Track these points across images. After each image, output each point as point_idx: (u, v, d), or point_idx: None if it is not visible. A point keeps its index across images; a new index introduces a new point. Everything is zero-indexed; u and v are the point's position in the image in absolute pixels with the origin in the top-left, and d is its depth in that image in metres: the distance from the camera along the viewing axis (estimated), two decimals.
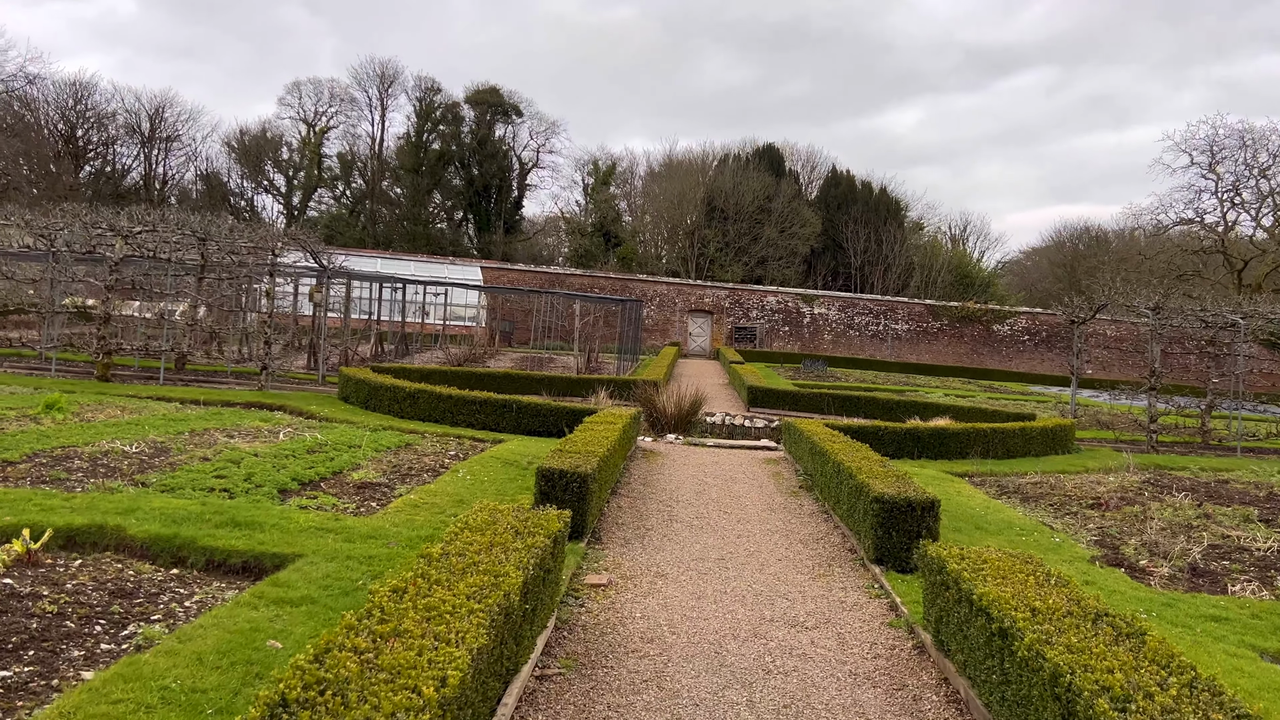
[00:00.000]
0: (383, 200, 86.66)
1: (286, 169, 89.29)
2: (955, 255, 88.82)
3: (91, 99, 76.64)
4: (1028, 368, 61.36)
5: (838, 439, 12.84)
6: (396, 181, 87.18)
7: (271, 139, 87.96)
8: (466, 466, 11.93)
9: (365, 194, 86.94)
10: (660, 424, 19.09)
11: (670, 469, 14.31)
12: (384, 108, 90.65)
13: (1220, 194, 71.28)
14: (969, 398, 34.89)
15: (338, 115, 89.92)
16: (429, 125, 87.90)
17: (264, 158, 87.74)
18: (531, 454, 13.75)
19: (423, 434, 15.85)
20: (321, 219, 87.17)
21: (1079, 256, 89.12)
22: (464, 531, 6.02)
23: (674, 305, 58.54)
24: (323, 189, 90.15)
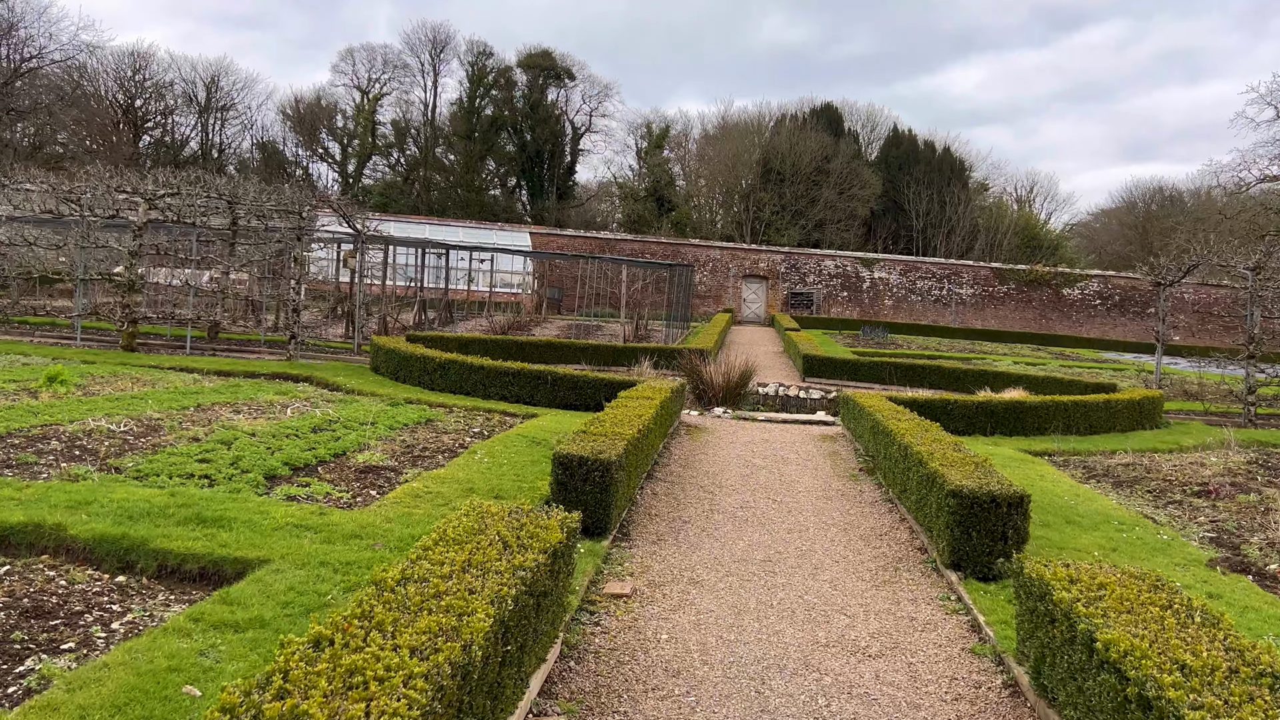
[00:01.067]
0: (436, 167, 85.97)
1: (341, 137, 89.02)
2: (1022, 217, 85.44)
3: (149, 69, 76.91)
4: (1099, 334, 58.59)
5: (903, 416, 11.41)
6: (449, 148, 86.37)
7: (326, 107, 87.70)
8: (487, 446, 10.77)
9: (419, 161, 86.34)
10: (707, 397, 17.78)
11: (715, 448, 13.02)
12: (436, 73, 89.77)
13: None
14: (1040, 366, 32.93)
15: (391, 82, 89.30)
16: (481, 90, 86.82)
17: (319, 126, 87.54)
18: (563, 430, 12.55)
19: (450, 408, 14.76)
20: (376, 187, 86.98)
21: (1151, 217, 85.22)
22: (437, 545, 4.81)
23: (727, 270, 56.91)
24: (377, 156, 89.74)
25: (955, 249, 75.62)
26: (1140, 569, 5.24)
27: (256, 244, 21.18)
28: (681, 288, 41.05)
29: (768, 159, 74.08)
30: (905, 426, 10.36)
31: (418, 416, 12.60)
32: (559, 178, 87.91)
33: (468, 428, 12.52)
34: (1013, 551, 7.24)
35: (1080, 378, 23.09)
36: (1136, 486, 11.10)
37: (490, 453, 10.35)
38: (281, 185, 20.57)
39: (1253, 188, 70.50)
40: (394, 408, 13.42)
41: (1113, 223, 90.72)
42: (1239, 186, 71.30)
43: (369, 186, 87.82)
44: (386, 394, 15.58)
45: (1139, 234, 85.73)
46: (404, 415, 12.57)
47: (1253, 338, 18.35)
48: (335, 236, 23.91)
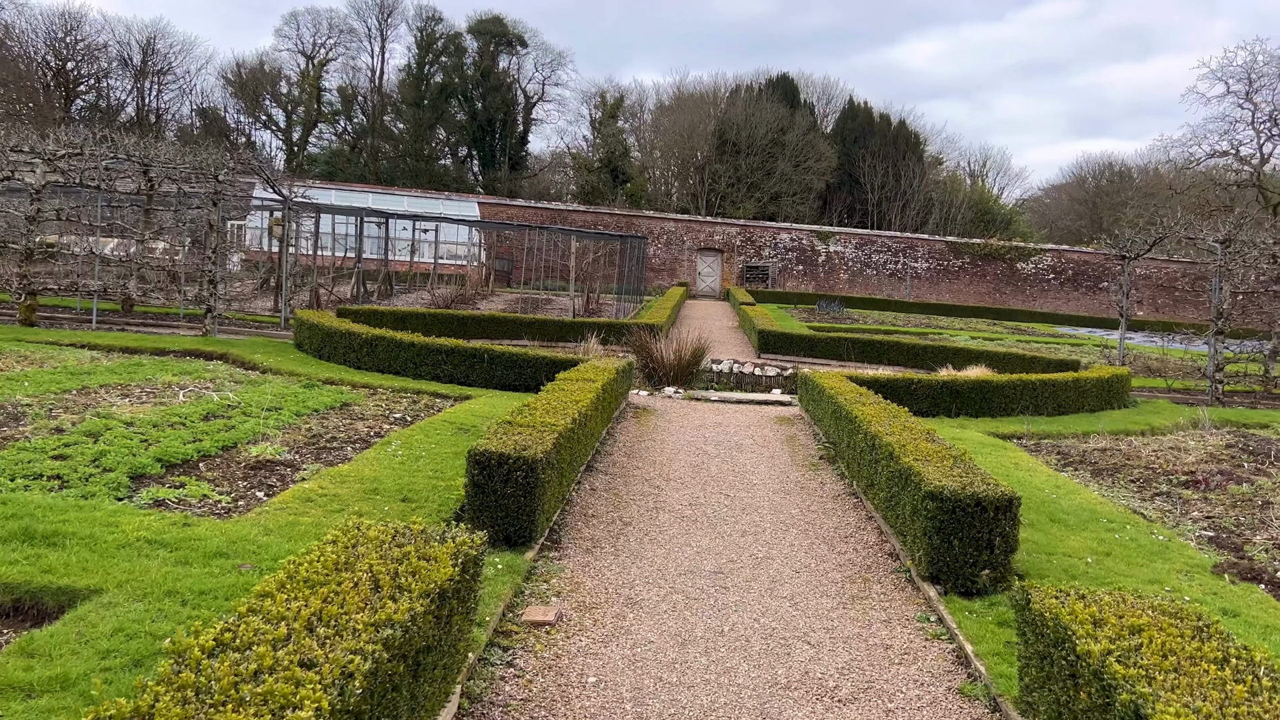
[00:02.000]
0: (384, 136, 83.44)
1: (285, 104, 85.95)
2: (975, 191, 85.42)
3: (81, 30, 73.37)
4: (1053, 308, 58.55)
5: (867, 400, 10.42)
6: (398, 116, 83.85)
7: (269, 72, 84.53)
8: (406, 436, 9.58)
9: (366, 130, 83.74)
10: (658, 375, 16.71)
11: (664, 432, 11.94)
12: (384, 39, 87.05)
13: (1257, 124, 67.53)
14: (998, 341, 32.37)
15: (337, 47, 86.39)
16: (430, 57, 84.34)
17: (262, 92, 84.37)
18: (498, 415, 11.39)
19: (374, 389, 13.50)
20: (321, 156, 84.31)
21: (1101, 193, 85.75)
22: (281, 590, 3.65)
23: (682, 243, 55.79)
24: (323, 124, 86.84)
25: (910, 223, 75.29)
26: (1174, 602, 4.25)
27: (175, 210, 19.59)
28: (634, 260, 39.87)
29: (723, 130, 72.88)
30: (871, 412, 9.36)
31: (333, 400, 11.34)
32: (511, 148, 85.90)
33: (389, 412, 11.29)
34: (1000, 560, 6.26)
35: (1041, 354, 22.40)
36: (1118, 475, 10.24)
37: (408, 443, 9.16)
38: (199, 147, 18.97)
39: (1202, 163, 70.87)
40: (308, 390, 12.14)
41: (1063, 198, 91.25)
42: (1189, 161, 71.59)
43: (314, 155, 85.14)
44: (306, 374, 14.26)
45: (1089, 209, 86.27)
46: (317, 398, 11.30)
47: (1220, 313, 17.69)
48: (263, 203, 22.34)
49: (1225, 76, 66.68)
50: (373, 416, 10.86)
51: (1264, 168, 67.33)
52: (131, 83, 79.89)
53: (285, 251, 20.83)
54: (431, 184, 73.90)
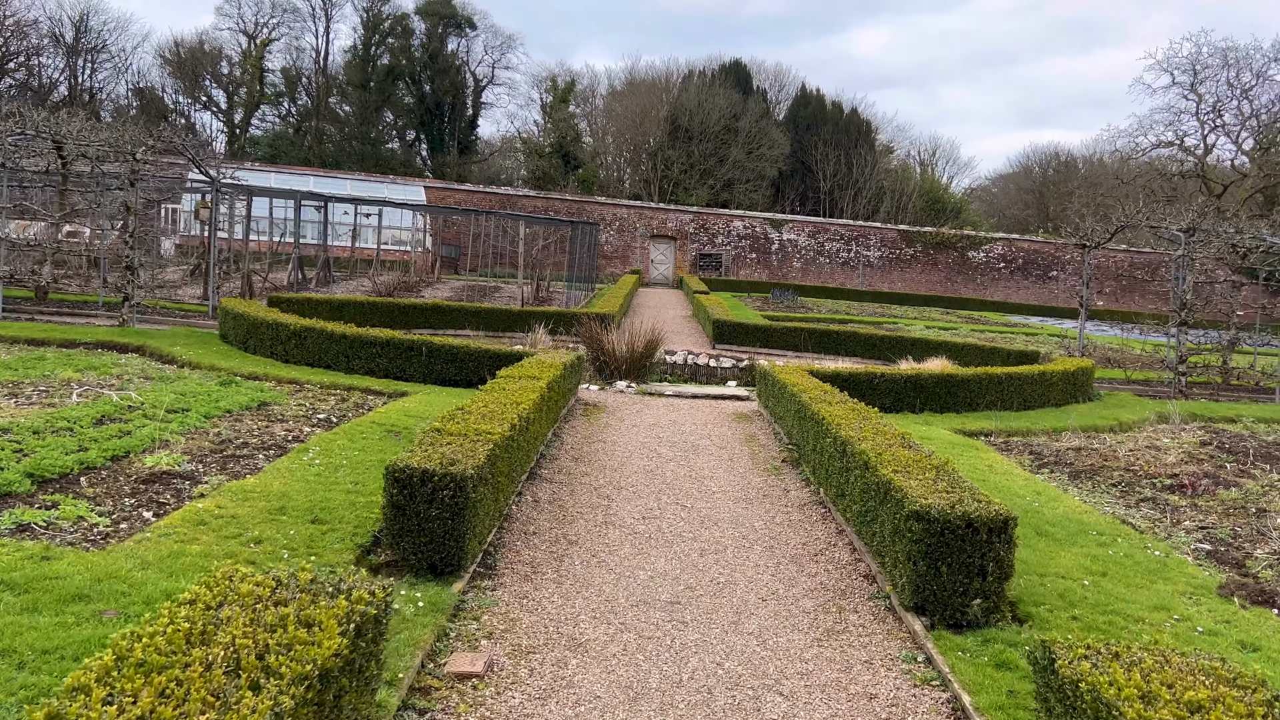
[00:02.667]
0: (330, 118, 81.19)
1: (227, 85, 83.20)
2: (926, 180, 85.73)
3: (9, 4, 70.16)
4: (1003, 296, 58.77)
5: (833, 398, 9.68)
6: (344, 99, 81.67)
7: (210, 52, 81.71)
8: (327, 441, 8.62)
9: (311, 112, 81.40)
10: (609, 369, 15.85)
11: (616, 432, 11.11)
12: (328, 19, 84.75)
13: (1201, 115, 68.46)
14: (953, 331, 32.04)
15: (280, 27, 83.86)
16: (377, 38, 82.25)
17: (202, 72, 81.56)
18: (434, 415, 10.47)
19: (301, 385, 12.47)
20: (265, 138, 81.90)
21: (1047, 182, 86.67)
22: (101, 682, 2.74)
23: (635, 230, 54.91)
24: (266, 106, 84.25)
25: (862, 211, 75.19)
26: (1226, 665, 3.51)
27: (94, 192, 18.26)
28: (586, 247, 38.92)
29: (676, 116, 72.01)
30: (838, 413, 8.61)
31: (250, 398, 10.30)
32: (460, 131, 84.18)
33: (312, 412, 10.30)
34: (994, 589, 5.53)
35: (999, 345, 21.96)
36: (1097, 479, 9.63)
37: (328, 450, 8.21)
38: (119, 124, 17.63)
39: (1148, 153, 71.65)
40: (224, 387, 11.07)
41: (1010, 187, 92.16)
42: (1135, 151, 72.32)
43: (257, 137, 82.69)
44: (228, 368, 13.16)
45: (1036, 198, 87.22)
46: (233, 397, 10.25)
47: (1184, 304, 17.31)
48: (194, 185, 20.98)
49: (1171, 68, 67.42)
50: (294, 417, 9.85)
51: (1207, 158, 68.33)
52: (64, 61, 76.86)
53: (214, 236, 19.56)
54: (378, 168, 72.10)
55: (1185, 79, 68.50)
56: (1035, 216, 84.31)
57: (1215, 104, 68.15)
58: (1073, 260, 61.35)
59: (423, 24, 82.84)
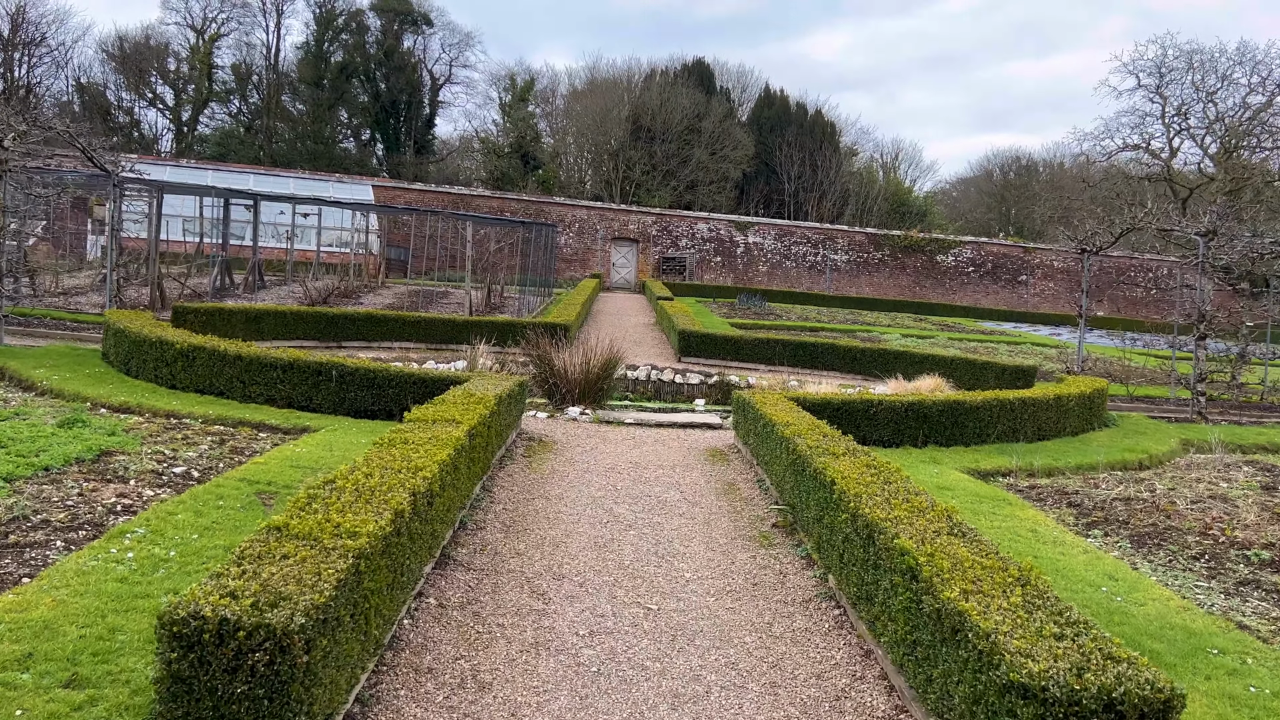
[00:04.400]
0: (282, 117, 78.08)
1: (174, 81, 79.72)
2: (890, 183, 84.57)
3: None
4: (972, 301, 57.43)
5: (836, 445, 7.58)
6: (296, 97, 78.62)
7: (156, 47, 78.21)
8: (162, 516, 6.34)
9: (262, 110, 78.23)
10: (560, 392, 13.66)
11: (562, 481, 8.93)
12: (279, 14, 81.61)
13: (1167, 118, 67.79)
14: (930, 339, 30.28)
15: (229, 22, 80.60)
16: (330, 34, 79.36)
17: (147, 68, 78.02)
18: (333, 464, 8.26)
19: (180, 419, 10.16)
20: (214, 136, 78.63)
21: (1009, 185, 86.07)
22: None
23: (595, 232, 52.72)
24: (215, 103, 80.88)
25: (827, 214, 73.68)
26: None
27: None
28: (543, 250, 36.68)
29: (638, 115, 69.96)
30: (850, 472, 6.51)
31: (87, 446, 7.95)
32: (417, 131, 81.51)
33: (169, 465, 7.99)
34: None
35: (993, 359, 20.09)
36: (1168, 545, 7.63)
37: (157, 532, 5.95)
38: None
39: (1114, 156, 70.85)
40: (65, 428, 8.71)
41: (972, 190, 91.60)
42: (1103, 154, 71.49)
43: (206, 135, 79.42)
44: (94, 397, 10.82)
45: (997, 201, 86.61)
46: (62, 446, 7.90)
47: (1203, 315, 15.49)
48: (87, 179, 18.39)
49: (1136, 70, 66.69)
50: (139, 474, 7.54)
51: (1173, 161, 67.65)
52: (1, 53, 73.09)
53: (112, 237, 17.06)
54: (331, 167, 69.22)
55: (1151, 81, 67.72)
56: (997, 220, 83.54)
57: (1180, 107, 67.47)
58: (1042, 265, 60.24)
59: (378, 20, 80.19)
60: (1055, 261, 60.66)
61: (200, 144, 77.92)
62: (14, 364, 12.38)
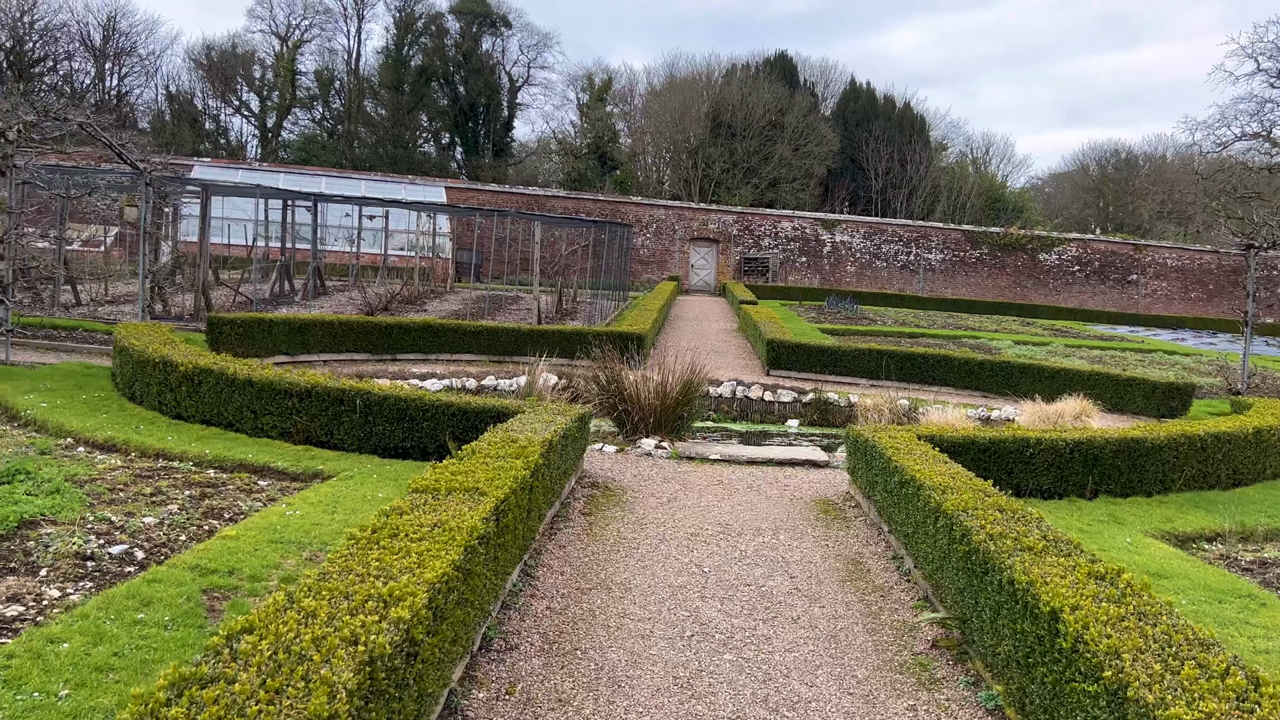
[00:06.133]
0: (364, 121, 77.93)
1: (259, 89, 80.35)
2: (984, 178, 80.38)
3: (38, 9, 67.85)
4: (1078, 302, 53.47)
5: (1028, 531, 5.20)
6: (377, 101, 78.42)
7: (242, 55, 78.94)
8: (26, 651, 4.33)
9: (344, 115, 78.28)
10: (632, 420, 11.47)
11: (629, 557, 6.74)
12: (360, 19, 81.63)
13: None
14: (1044, 345, 27.28)
15: (312, 28, 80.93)
16: (410, 38, 78.98)
17: (234, 76, 78.77)
18: (328, 535, 6.24)
19: (171, 460, 8.30)
20: (297, 142, 79.03)
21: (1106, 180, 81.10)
22: None
23: (673, 233, 50.50)
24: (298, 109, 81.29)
25: (917, 211, 70.17)
26: None
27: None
28: (618, 252, 34.65)
29: (718, 112, 67.55)
30: (1087, 602, 4.15)
31: (7, 512, 6.03)
32: (495, 133, 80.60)
33: (109, 538, 6.02)
34: None
35: (1141, 374, 17.23)
36: None
37: (11, 680, 3.92)
38: None
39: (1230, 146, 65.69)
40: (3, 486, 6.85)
41: (1066, 185, 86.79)
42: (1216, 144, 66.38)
43: (290, 141, 79.92)
44: (79, 429, 9.04)
45: (1095, 196, 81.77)
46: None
47: None
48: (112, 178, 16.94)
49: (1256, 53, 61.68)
50: (56, 558, 5.57)
51: None
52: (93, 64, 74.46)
53: (143, 241, 15.52)
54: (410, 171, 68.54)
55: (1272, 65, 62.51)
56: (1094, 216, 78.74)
57: None
58: (1154, 263, 55.89)
59: (457, 23, 79.59)
60: (1169, 259, 56.28)
61: (284, 150, 78.36)
62: (6, 387, 10.74)
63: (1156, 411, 16.21)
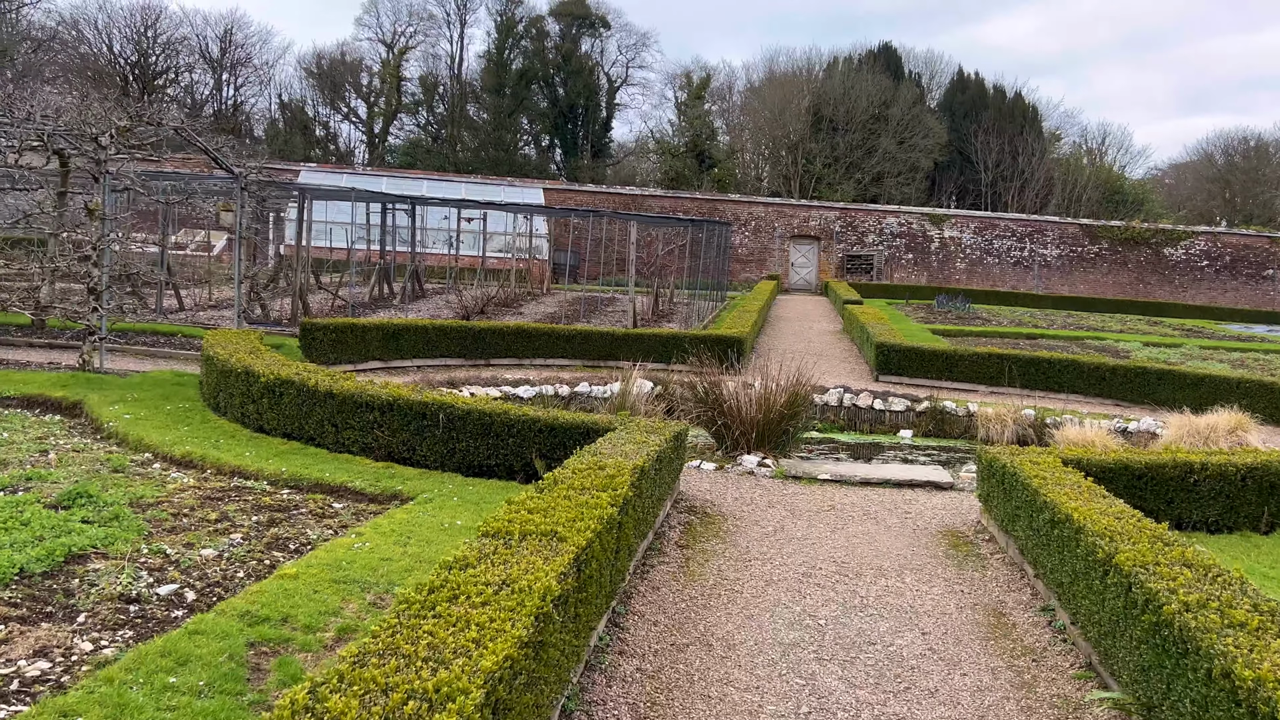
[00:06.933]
0: (466, 125, 78.92)
1: (367, 95, 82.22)
2: (1101, 170, 76.28)
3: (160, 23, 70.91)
4: (1207, 300, 50.02)
5: (1237, 605, 4.19)
6: (479, 105, 79.31)
7: (350, 63, 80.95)
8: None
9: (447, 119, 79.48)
10: (732, 434, 10.61)
11: (733, 604, 5.91)
12: (463, 24, 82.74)
13: None
14: (1176, 346, 25.27)
15: (416, 35, 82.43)
16: (510, 42, 79.59)
17: (342, 83, 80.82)
18: (397, 572, 5.62)
19: (247, 478, 7.86)
20: (402, 147, 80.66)
21: (1234, 170, 75.95)
22: None
23: (773, 230, 49.27)
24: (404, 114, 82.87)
25: (1030, 204, 67.02)
26: None
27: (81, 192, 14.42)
28: (716, 250, 33.74)
29: (819, 106, 65.85)
30: None
31: (44, 551, 5.47)
32: (594, 134, 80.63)
33: (160, 575, 5.50)
34: None
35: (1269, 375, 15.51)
36: None
37: None
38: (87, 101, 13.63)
39: None
40: (56, 509, 6.43)
41: (1189, 176, 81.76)
42: None
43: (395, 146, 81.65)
44: (158, 443, 8.71)
45: (1221, 187, 76.81)
46: (11, 545, 5.55)
47: None
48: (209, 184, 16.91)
49: None
50: (99, 600, 5.06)
51: None
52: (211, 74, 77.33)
53: (239, 245, 15.41)
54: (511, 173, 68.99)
55: None
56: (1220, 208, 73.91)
57: None
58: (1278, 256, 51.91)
59: (556, 25, 79.91)
60: None
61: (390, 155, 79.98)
62: (94, 397, 10.55)
63: None
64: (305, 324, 14.98)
